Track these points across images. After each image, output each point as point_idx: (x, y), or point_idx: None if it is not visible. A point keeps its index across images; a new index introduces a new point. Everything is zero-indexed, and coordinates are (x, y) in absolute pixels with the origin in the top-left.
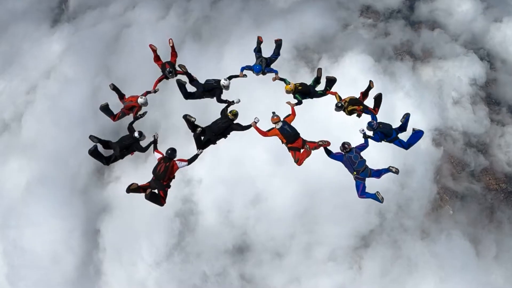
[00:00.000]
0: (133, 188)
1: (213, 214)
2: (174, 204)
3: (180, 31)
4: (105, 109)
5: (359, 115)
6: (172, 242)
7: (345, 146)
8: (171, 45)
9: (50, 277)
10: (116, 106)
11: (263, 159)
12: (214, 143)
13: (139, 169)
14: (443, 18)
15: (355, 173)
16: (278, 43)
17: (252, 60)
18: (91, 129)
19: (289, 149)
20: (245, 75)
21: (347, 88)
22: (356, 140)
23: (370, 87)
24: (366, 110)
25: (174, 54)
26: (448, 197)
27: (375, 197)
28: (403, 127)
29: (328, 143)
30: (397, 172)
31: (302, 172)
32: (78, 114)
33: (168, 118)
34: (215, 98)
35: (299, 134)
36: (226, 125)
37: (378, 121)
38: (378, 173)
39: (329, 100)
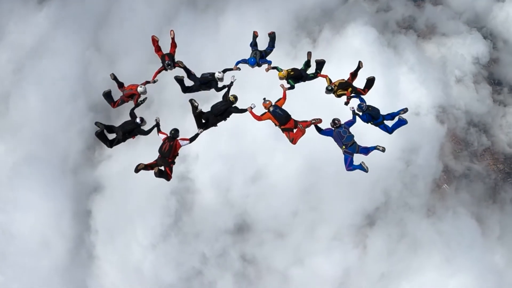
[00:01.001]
0: (140, 168)
1: (211, 192)
2: (169, 181)
3: (175, 0)
4: (107, 95)
5: (346, 103)
6: (168, 222)
7: (335, 121)
8: (172, 36)
9: (40, 263)
10: (114, 89)
11: (264, 133)
12: (215, 125)
13: (130, 147)
14: None
15: (343, 147)
16: (272, 36)
17: (248, 34)
18: (82, 106)
19: (283, 130)
20: (238, 68)
21: (350, 60)
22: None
23: (359, 67)
24: (355, 93)
25: (173, 45)
26: (447, 176)
27: (361, 167)
28: (393, 116)
29: (320, 121)
30: (383, 150)
31: (305, 147)
32: (67, 91)
33: (161, 93)
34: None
35: (290, 115)
36: (225, 107)
37: (366, 103)
38: (366, 150)
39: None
